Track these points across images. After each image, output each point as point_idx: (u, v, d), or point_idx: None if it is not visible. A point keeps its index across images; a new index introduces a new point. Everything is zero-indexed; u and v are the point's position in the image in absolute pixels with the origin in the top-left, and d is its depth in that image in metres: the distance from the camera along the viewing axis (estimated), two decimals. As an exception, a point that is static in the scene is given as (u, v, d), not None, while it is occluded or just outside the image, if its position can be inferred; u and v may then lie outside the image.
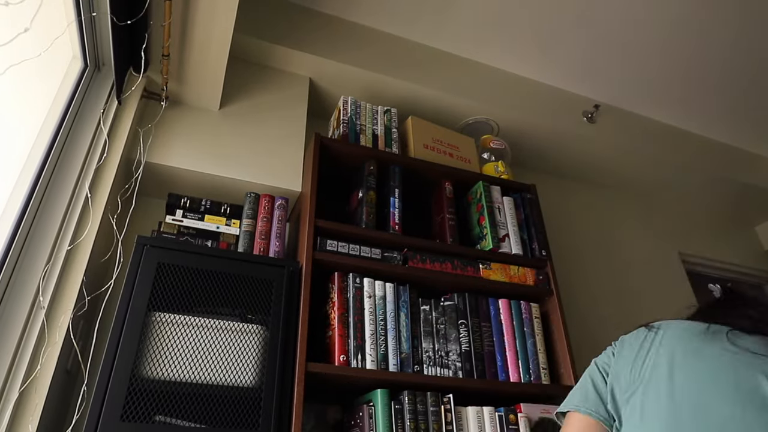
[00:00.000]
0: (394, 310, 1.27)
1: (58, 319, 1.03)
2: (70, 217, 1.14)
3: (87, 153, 1.23)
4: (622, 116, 2.19)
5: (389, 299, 1.28)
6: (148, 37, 1.28)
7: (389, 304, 1.27)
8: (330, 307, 1.25)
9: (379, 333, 1.22)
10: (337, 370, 1.14)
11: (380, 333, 1.23)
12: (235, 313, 1.14)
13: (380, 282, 1.29)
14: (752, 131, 2.35)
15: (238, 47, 1.61)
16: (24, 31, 1.01)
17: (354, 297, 1.24)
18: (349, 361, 1.16)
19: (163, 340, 1.04)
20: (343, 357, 1.16)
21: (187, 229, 1.31)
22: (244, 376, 1.07)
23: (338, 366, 1.15)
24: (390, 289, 1.29)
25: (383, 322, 1.24)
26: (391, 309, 1.27)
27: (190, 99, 1.49)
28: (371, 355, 1.19)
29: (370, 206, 1.39)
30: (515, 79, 2.03)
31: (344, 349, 1.17)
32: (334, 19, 1.79)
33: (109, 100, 1.32)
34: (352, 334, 1.20)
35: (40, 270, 1.04)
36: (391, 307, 1.27)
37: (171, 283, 1.11)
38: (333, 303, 1.24)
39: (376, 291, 1.28)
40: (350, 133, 1.53)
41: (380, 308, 1.26)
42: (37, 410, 0.94)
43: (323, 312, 1.30)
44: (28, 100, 1.18)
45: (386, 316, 1.25)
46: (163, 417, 0.99)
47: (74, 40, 1.27)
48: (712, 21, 1.80)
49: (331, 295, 1.26)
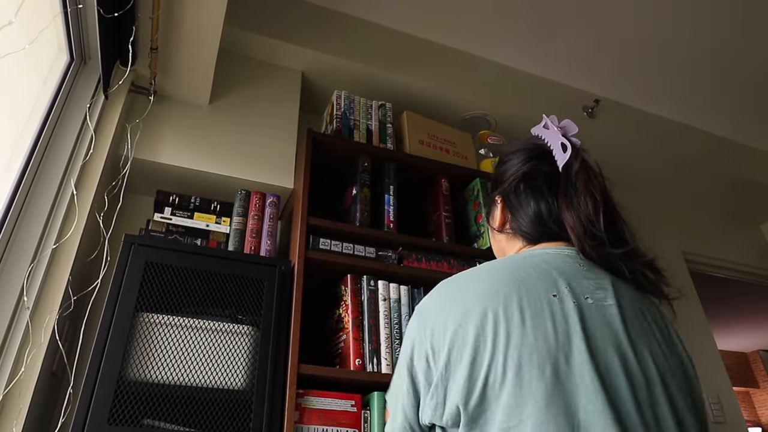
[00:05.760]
0: (408, 313, 1.26)
1: (43, 320, 1.01)
2: (56, 215, 1.12)
3: (73, 149, 1.20)
4: (624, 111, 2.16)
5: (404, 302, 1.27)
6: (136, 30, 1.25)
7: (404, 307, 1.26)
8: (343, 311, 1.23)
9: (394, 336, 1.22)
10: (334, 372, 1.12)
11: (395, 336, 1.22)
12: (225, 314, 1.12)
13: (395, 284, 1.28)
14: (757, 127, 2.32)
15: (228, 40, 1.58)
16: (8, 24, 0.98)
17: (369, 300, 1.23)
18: (364, 365, 1.15)
19: (152, 341, 1.02)
20: (358, 361, 1.14)
21: (176, 228, 1.28)
22: (235, 379, 1.05)
23: (334, 369, 1.13)
24: (405, 292, 1.28)
25: (398, 325, 1.24)
26: (405, 312, 1.26)
27: (179, 93, 1.46)
28: (386, 359, 1.17)
29: (365, 204, 1.36)
30: (513, 73, 2.00)
31: (360, 353, 1.16)
32: (327, 12, 1.76)
33: (96, 95, 1.30)
34: (367, 337, 1.18)
35: (25, 269, 1.02)
36: (405, 310, 1.26)
37: (159, 282, 1.09)
38: (346, 306, 1.22)
39: (390, 294, 1.26)
40: (344, 128, 1.50)
41: (395, 311, 1.25)
42: (21, 414, 0.92)
43: (332, 315, 1.29)
44: (13, 94, 1.15)
45: (401, 320, 1.24)
46: (152, 420, 0.97)
47: (60, 33, 1.24)
48: (715, 14, 1.77)
49: (344, 298, 1.24)
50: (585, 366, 0.54)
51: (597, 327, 0.58)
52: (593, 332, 0.57)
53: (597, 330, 0.58)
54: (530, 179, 0.75)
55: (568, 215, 0.68)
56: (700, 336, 2.15)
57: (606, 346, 0.57)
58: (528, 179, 0.76)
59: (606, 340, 0.57)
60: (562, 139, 0.74)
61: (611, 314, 0.60)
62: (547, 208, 0.72)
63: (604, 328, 0.58)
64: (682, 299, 2.32)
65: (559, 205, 0.71)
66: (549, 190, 0.73)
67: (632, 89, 2.12)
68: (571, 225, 0.68)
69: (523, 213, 0.74)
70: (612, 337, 0.58)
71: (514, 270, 0.62)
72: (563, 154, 0.73)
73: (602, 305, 0.60)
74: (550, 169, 0.74)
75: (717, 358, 2.14)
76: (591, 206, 0.68)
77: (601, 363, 0.55)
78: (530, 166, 0.76)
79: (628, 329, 0.59)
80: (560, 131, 0.76)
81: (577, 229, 0.67)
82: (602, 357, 0.56)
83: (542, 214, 0.72)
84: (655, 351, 0.60)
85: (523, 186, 0.76)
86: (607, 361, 0.56)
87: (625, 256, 0.66)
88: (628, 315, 0.61)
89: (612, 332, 0.58)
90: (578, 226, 0.67)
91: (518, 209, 0.75)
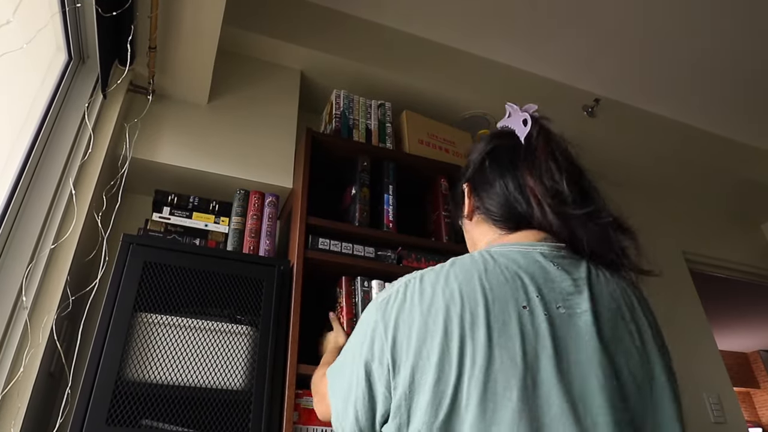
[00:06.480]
0: None
1: (42, 320, 1.01)
2: (54, 215, 1.12)
3: (71, 148, 1.20)
4: (624, 111, 2.16)
5: None
6: (134, 29, 1.25)
7: None
8: (339, 312, 1.23)
9: None
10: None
11: None
12: (224, 314, 1.12)
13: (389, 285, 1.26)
14: (757, 126, 2.31)
15: (227, 39, 1.57)
16: (6, 23, 0.98)
17: (363, 301, 1.22)
18: None
19: (150, 341, 1.02)
20: None
21: (175, 227, 1.28)
22: (234, 379, 1.04)
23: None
24: None
25: None
26: None
27: (178, 93, 1.46)
28: None
29: (364, 203, 1.36)
30: (513, 72, 2.00)
31: None
32: (326, 11, 1.75)
33: (94, 94, 1.29)
34: None
35: (23, 269, 1.02)
36: None
37: (158, 282, 1.08)
38: (341, 308, 1.22)
39: None
40: (343, 127, 1.50)
41: None
42: (19, 414, 0.91)
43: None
44: (11, 93, 1.15)
45: None
46: (150, 421, 0.97)
47: (58, 32, 1.24)
48: (715, 14, 1.76)
49: (339, 300, 1.24)
50: (553, 390, 0.51)
51: (569, 343, 0.54)
52: (564, 350, 0.53)
53: (569, 346, 0.54)
54: (493, 155, 0.75)
55: (530, 178, 0.67)
56: (700, 336, 2.14)
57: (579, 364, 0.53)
58: (492, 155, 0.75)
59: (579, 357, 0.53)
60: (523, 116, 0.74)
61: (585, 324, 0.56)
62: (513, 180, 0.70)
63: (578, 341, 0.54)
64: (682, 299, 2.32)
65: (521, 173, 0.70)
66: (511, 163, 0.72)
67: (632, 89, 2.11)
68: (531, 187, 0.66)
69: (490, 190, 0.73)
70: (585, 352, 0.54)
71: (482, 276, 0.59)
72: (524, 127, 0.72)
73: (575, 314, 0.56)
74: (513, 143, 0.73)
75: (717, 359, 2.13)
76: (553, 167, 0.67)
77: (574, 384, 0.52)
78: (492, 144, 0.77)
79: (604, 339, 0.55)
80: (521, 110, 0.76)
81: (539, 190, 0.65)
82: (574, 377, 0.52)
83: (508, 188, 0.70)
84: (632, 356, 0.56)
85: (488, 163, 0.75)
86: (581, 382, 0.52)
87: (588, 216, 0.64)
88: (603, 320, 0.57)
89: (586, 347, 0.54)
90: (539, 186, 0.65)
91: (484, 188, 0.74)
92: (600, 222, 0.64)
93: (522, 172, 0.69)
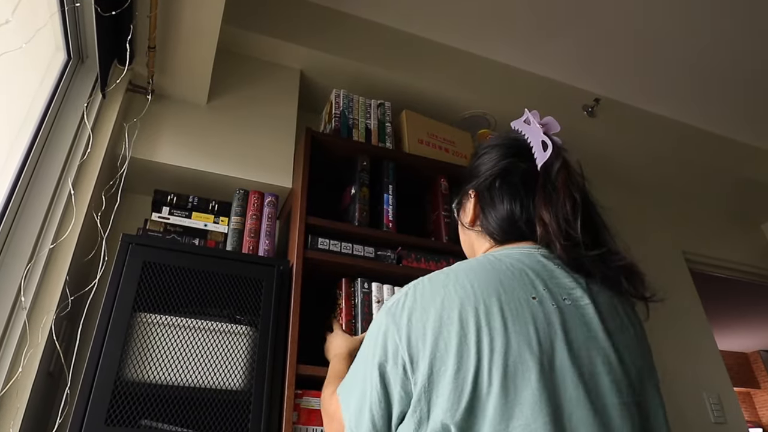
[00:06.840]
0: None
1: (41, 320, 1.00)
2: (53, 215, 1.11)
3: (70, 148, 1.20)
4: (624, 110, 2.15)
5: None
6: (134, 29, 1.25)
7: None
8: (338, 314, 1.23)
9: None
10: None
11: None
12: (223, 314, 1.12)
13: (389, 286, 1.26)
14: (757, 126, 2.31)
15: (226, 39, 1.57)
16: (5, 23, 0.97)
17: (362, 302, 1.21)
18: None
19: (149, 341, 1.02)
20: None
21: (174, 227, 1.27)
22: (233, 379, 1.04)
23: (329, 368, 1.12)
24: None
25: None
26: None
27: (177, 92, 1.45)
28: None
29: (363, 203, 1.36)
30: (513, 72, 1.99)
31: None
32: (326, 10, 1.75)
33: (93, 94, 1.29)
34: None
35: (22, 269, 1.01)
36: None
37: (157, 282, 1.08)
38: (340, 310, 1.21)
39: (384, 296, 1.25)
40: (342, 127, 1.49)
41: None
42: (18, 414, 0.91)
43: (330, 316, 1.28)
44: (10, 93, 1.15)
45: None
46: (149, 421, 0.97)
47: (57, 32, 1.23)
48: (715, 14, 1.76)
49: (339, 302, 1.23)
50: (568, 374, 0.54)
51: (577, 330, 0.57)
52: (574, 335, 0.57)
53: (578, 333, 0.57)
54: (507, 176, 0.74)
55: (545, 213, 0.67)
56: (700, 336, 2.14)
57: (588, 349, 0.56)
58: (505, 176, 0.74)
59: (588, 343, 0.57)
60: (543, 137, 0.72)
61: (589, 314, 0.59)
62: (521, 208, 0.71)
63: (585, 330, 0.58)
64: (681, 299, 2.30)
65: (536, 204, 0.69)
66: (525, 189, 0.71)
67: (632, 88, 2.11)
68: (546, 222, 0.66)
69: (495, 212, 0.73)
70: (593, 339, 0.57)
71: (491, 272, 0.61)
72: (543, 152, 0.71)
73: (579, 305, 0.60)
74: (529, 166, 0.72)
75: (718, 359, 2.13)
76: (569, 207, 0.66)
77: (584, 367, 0.55)
78: (508, 162, 0.75)
79: (607, 329, 0.59)
80: (542, 128, 0.73)
81: (552, 227, 0.65)
82: (585, 361, 0.55)
83: (514, 215, 0.71)
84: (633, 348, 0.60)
85: (498, 183, 0.74)
86: (591, 366, 0.55)
87: (599, 258, 0.65)
88: (605, 312, 0.61)
89: (592, 334, 0.58)
90: (554, 224, 0.66)
91: (491, 207, 0.74)
92: (612, 266, 0.66)
93: (537, 203, 0.69)
